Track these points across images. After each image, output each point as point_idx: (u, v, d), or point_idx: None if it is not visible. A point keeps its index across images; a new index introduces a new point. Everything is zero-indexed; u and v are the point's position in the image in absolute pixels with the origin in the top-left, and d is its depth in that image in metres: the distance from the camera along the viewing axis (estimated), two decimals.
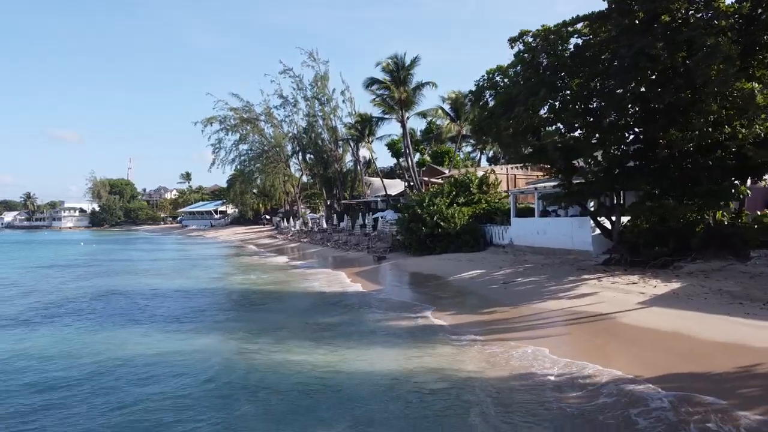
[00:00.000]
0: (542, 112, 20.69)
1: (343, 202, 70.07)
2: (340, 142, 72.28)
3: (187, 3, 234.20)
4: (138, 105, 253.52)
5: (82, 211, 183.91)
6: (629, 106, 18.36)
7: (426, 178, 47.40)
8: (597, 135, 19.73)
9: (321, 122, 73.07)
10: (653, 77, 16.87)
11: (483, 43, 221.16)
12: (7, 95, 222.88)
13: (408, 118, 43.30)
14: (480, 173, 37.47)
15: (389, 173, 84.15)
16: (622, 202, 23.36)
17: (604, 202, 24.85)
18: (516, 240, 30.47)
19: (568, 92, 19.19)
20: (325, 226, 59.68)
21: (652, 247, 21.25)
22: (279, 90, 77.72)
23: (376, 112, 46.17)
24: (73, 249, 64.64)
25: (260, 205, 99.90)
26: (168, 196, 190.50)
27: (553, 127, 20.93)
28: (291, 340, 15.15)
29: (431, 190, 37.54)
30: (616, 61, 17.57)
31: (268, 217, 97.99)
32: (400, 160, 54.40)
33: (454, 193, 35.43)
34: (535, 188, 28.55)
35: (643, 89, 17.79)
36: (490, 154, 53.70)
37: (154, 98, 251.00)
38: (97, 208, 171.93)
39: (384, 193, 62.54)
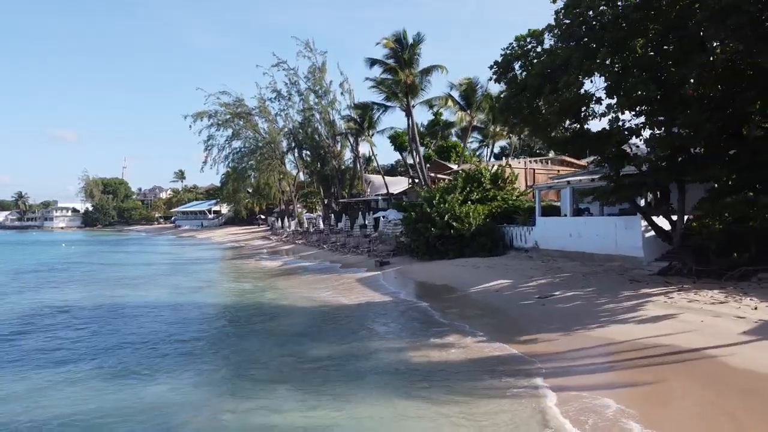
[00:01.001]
0: (589, 86, 16.44)
1: (341, 201, 65.71)
2: (338, 137, 67.97)
3: (187, 3, 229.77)
4: (138, 105, 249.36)
5: (74, 210, 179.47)
6: (713, 72, 14.06)
7: (432, 174, 43.09)
8: (663, 111, 15.40)
9: (318, 116, 68.82)
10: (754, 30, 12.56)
11: (483, 43, 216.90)
12: (6, 95, 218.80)
13: (413, 106, 39.06)
14: (493, 167, 33.19)
15: (390, 170, 79.89)
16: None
17: (657, 199, 20.58)
18: (542, 243, 26.21)
19: (631, 56, 14.88)
20: (321, 226, 55.48)
21: (727, 254, 16.94)
22: (273, 83, 73.19)
23: (377, 100, 41.79)
24: (53, 251, 60.28)
25: (255, 205, 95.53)
26: (163, 195, 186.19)
27: (603, 105, 16.66)
28: (277, 390, 10.82)
29: (441, 186, 33.26)
30: (700, 11, 13.28)
31: (263, 217, 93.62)
32: (405, 154, 50.06)
33: (467, 189, 31.15)
34: (568, 182, 24.27)
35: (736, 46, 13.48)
36: (497, 149, 49.53)
37: (153, 98, 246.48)
38: (90, 208, 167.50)
39: (385, 191, 58.22)
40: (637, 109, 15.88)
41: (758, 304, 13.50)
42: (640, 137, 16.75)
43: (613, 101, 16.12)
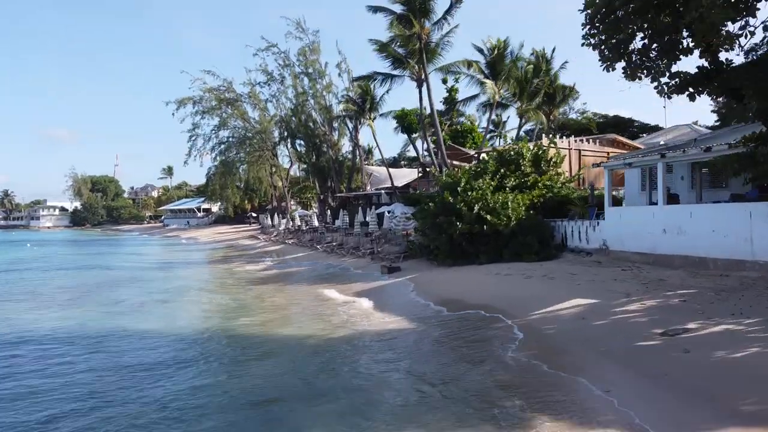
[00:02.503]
0: None
1: (338, 195, 58.47)
2: (336, 125, 60.76)
3: (187, 3, 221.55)
4: (137, 103, 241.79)
5: (63, 209, 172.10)
6: None
7: (448, 161, 35.78)
8: None
9: (312, 102, 61.61)
10: None
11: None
12: (4, 93, 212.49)
13: (427, 75, 31.78)
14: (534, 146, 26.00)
15: (393, 164, 72.61)
16: None
17: None
18: (614, 243, 19.04)
19: None
20: (316, 224, 48.27)
21: None
22: (263, 65, 65.89)
23: (381, 69, 34.18)
24: (14, 252, 52.95)
25: (246, 202, 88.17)
26: (155, 194, 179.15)
27: None
28: None
29: (470, 169, 25.98)
30: None
31: (254, 215, 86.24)
32: (413, 137, 42.57)
33: (501, 173, 23.98)
34: (683, 151, 16.84)
35: None
36: (521, 132, 41.96)
37: (150, 97, 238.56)
38: (79, 207, 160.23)
39: (388, 184, 51.04)
40: None
41: None
42: None
43: None
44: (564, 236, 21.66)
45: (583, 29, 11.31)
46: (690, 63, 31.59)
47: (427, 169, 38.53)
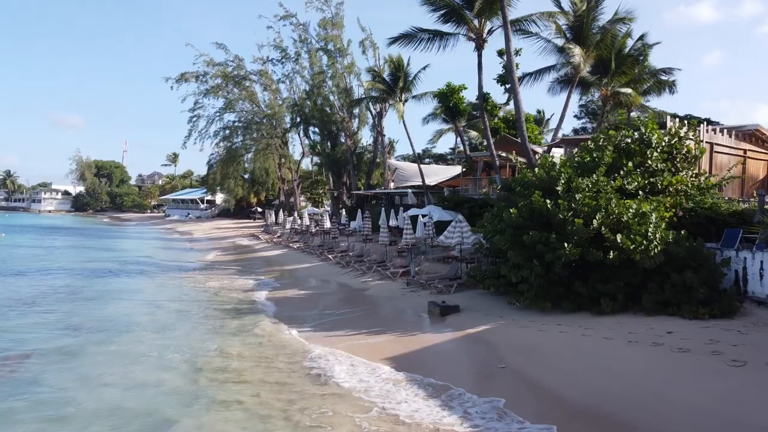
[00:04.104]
0: None
1: (355, 193, 50.08)
2: (356, 110, 52.38)
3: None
4: (151, 91, 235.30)
5: (66, 193, 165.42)
6: None
7: (503, 153, 27.26)
8: None
9: (330, 83, 53.28)
10: None
11: None
12: (20, 79, 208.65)
13: (491, 31, 23.23)
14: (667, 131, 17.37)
15: (415, 161, 63.78)
16: None
17: None
18: None
19: None
20: (328, 225, 39.95)
21: None
22: (277, 39, 57.59)
23: (426, 26, 25.28)
24: None
25: (251, 195, 79.88)
26: (161, 182, 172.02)
27: None
28: None
29: (570, 160, 17.29)
30: None
31: (260, 209, 77.97)
32: (458, 121, 33.43)
33: (627, 167, 15.53)
34: None
35: None
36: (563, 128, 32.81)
37: (162, 85, 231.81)
38: (84, 191, 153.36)
39: (417, 182, 42.61)
40: None
41: None
42: None
43: None
44: (739, 276, 13.06)
45: None
46: None
47: (474, 161, 29.93)
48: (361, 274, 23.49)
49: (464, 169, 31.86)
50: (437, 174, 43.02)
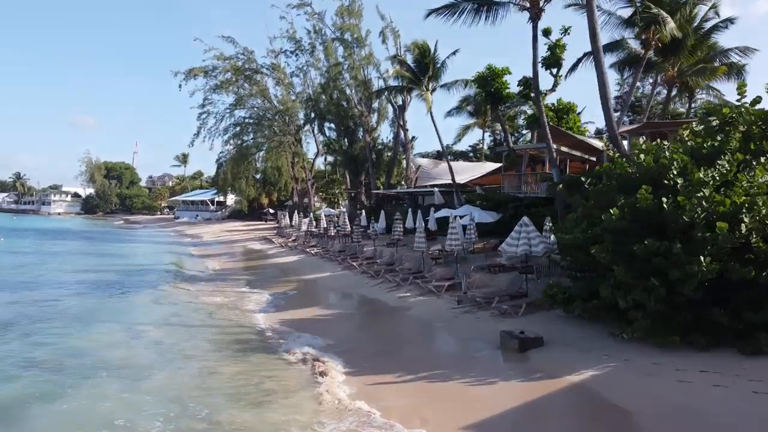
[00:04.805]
0: None
1: (376, 192, 46.50)
2: (375, 104, 48.76)
3: None
4: (161, 92, 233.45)
5: (76, 196, 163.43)
6: None
7: (556, 146, 23.49)
8: None
9: (347, 76, 49.62)
10: None
11: None
12: (34, 80, 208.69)
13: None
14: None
15: (437, 157, 60.21)
16: None
17: None
18: None
19: None
20: (348, 227, 36.39)
21: None
22: (290, 30, 54.11)
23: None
24: None
25: (263, 196, 76.49)
26: (171, 184, 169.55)
27: None
28: None
29: (689, 140, 13.38)
30: None
31: (272, 211, 74.56)
32: (503, 109, 29.40)
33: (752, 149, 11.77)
34: None
35: None
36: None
37: (174, 85, 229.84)
38: (93, 194, 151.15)
39: (445, 180, 38.98)
40: None
41: None
42: None
43: None
44: None
45: None
46: None
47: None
48: (395, 287, 19.83)
49: (506, 163, 28.08)
50: (466, 171, 39.30)
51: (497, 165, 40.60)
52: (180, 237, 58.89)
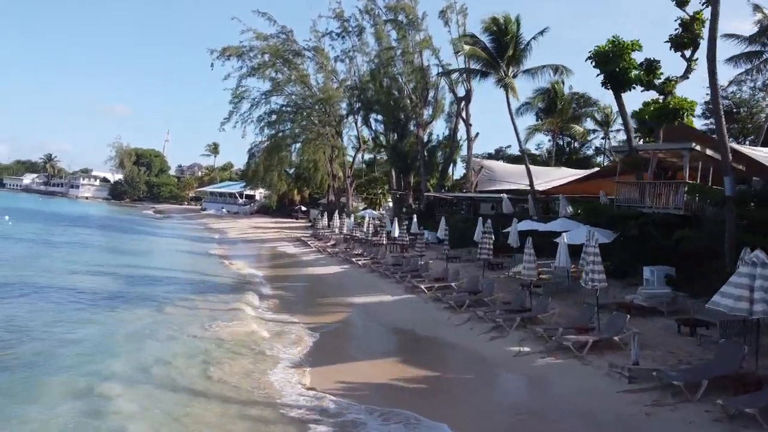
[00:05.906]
0: None
1: (427, 194, 40.58)
2: (431, 95, 42.93)
3: None
4: (194, 83, 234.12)
5: (105, 180, 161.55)
6: None
7: (661, 154, 17.33)
8: None
9: (400, 63, 43.83)
10: None
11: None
12: (72, 68, 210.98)
13: None
14: None
15: (493, 156, 53.86)
16: None
17: None
18: None
19: None
20: (397, 233, 30.61)
21: None
22: (338, 9, 48.57)
23: None
24: None
25: (295, 192, 71.12)
26: (200, 173, 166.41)
27: None
28: None
29: None
30: None
31: (303, 208, 69.15)
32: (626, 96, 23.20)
33: None
34: None
35: None
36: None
37: (207, 74, 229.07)
38: (121, 179, 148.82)
39: (512, 185, 32.99)
40: None
41: None
42: None
43: None
44: None
45: None
46: None
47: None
48: (494, 329, 13.89)
49: (620, 168, 21.84)
50: (542, 176, 33.04)
51: (582, 171, 34.33)
52: (204, 232, 53.80)
